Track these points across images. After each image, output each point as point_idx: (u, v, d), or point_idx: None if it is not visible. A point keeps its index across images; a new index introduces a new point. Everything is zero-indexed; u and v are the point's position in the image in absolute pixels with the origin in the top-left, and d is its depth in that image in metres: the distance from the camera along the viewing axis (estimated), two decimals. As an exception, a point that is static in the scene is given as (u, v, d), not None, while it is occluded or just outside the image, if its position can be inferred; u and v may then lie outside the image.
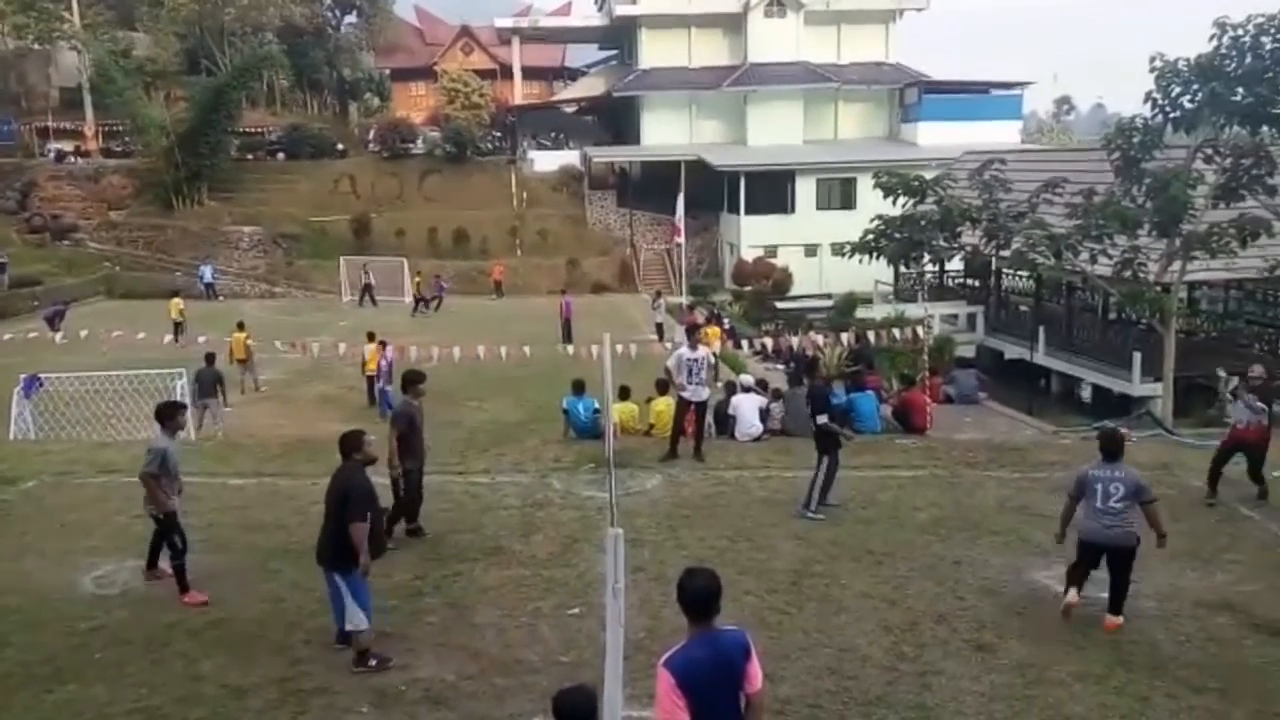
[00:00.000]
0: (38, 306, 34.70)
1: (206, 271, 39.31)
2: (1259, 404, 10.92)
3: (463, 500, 11.21)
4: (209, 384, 17.96)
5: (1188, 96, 16.46)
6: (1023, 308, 27.89)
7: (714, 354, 17.30)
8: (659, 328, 28.86)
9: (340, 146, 51.71)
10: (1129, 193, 17.51)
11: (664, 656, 4.35)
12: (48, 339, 27.37)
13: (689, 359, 12.50)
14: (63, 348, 26.03)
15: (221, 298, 37.95)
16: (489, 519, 10.56)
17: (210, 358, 18.62)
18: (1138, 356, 20.74)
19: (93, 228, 44.25)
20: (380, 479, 10.06)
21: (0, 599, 8.57)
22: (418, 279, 36.41)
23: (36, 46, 50.51)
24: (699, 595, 4.40)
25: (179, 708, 6.75)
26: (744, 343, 25.99)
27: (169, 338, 26.86)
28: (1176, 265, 17.97)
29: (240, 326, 22.83)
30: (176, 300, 30.21)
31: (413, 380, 10.20)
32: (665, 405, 14.23)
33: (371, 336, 21.58)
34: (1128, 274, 17.44)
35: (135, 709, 6.74)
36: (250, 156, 50.93)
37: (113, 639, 7.78)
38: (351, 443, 7.40)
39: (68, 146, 49.67)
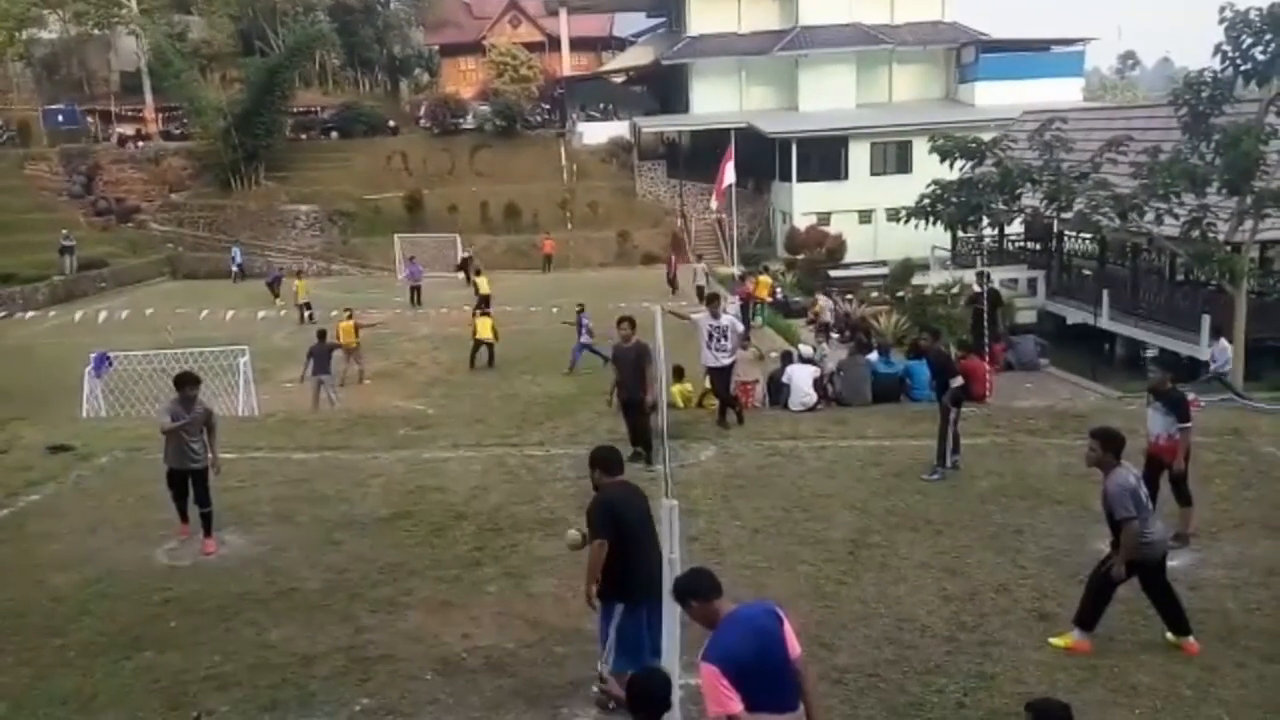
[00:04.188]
0: (104, 288, 36.03)
1: (237, 253, 40.39)
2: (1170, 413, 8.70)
3: (519, 472, 11.34)
4: (323, 358, 18.75)
5: (1260, 48, 15.80)
6: (1085, 271, 27.22)
7: (746, 316, 17.02)
8: (700, 290, 29.17)
9: (392, 124, 52.00)
10: (1197, 149, 16.92)
11: (701, 652, 4.28)
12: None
13: (711, 325, 12.45)
14: (127, 326, 26.80)
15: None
16: (545, 490, 10.66)
17: (322, 334, 19.43)
18: (1206, 319, 20.15)
19: (155, 209, 45.31)
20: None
21: (79, 570, 8.90)
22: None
23: (96, 32, 51.72)
24: (703, 586, 4.48)
25: (250, 674, 6.97)
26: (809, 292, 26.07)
27: (296, 317, 27.97)
28: (1248, 224, 17.38)
29: (349, 314, 22.61)
30: (302, 281, 30.18)
31: (619, 322, 11.74)
32: (679, 390, 14.43)
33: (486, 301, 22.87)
34: (1196, 234, 16.87)
35: (209, 675, 6.97)
36: (304, 136, 51.54)
37: (186, 608, 8.04)
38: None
39: (129, 130, 50.77)
